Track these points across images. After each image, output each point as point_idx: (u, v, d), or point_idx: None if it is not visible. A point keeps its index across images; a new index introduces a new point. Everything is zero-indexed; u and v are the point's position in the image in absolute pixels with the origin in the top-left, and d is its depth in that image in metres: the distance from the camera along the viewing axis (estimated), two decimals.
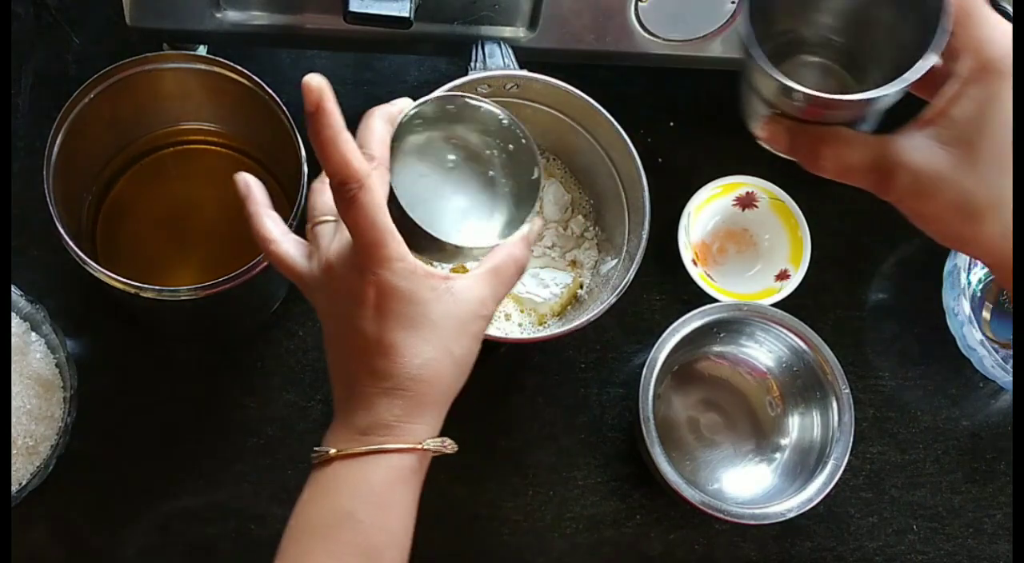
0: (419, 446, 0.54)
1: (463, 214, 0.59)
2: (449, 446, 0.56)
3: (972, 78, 0.49)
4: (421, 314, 0.53)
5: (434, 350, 0.53)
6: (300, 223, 0.66)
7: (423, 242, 0.55)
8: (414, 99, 0.71)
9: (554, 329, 0.74)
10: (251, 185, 0.58)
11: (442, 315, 0.53)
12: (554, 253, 0.77)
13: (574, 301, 0.77)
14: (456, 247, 0.56)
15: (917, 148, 0.51)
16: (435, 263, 0.62)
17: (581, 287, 0.77)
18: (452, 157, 0.60)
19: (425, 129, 0.59)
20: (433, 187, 0.59)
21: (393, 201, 0.54)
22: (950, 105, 0.50)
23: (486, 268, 0.56)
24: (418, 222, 0.55)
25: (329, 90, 0.50)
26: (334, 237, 0.55)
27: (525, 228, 0.58)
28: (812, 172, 0.54)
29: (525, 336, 0.74)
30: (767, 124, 0.55)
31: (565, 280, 0.76)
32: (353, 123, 0.84)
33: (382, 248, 0.51)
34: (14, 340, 0.72)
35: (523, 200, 0.59)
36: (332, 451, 0.54)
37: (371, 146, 0.54)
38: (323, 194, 0.56)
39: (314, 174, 0.67)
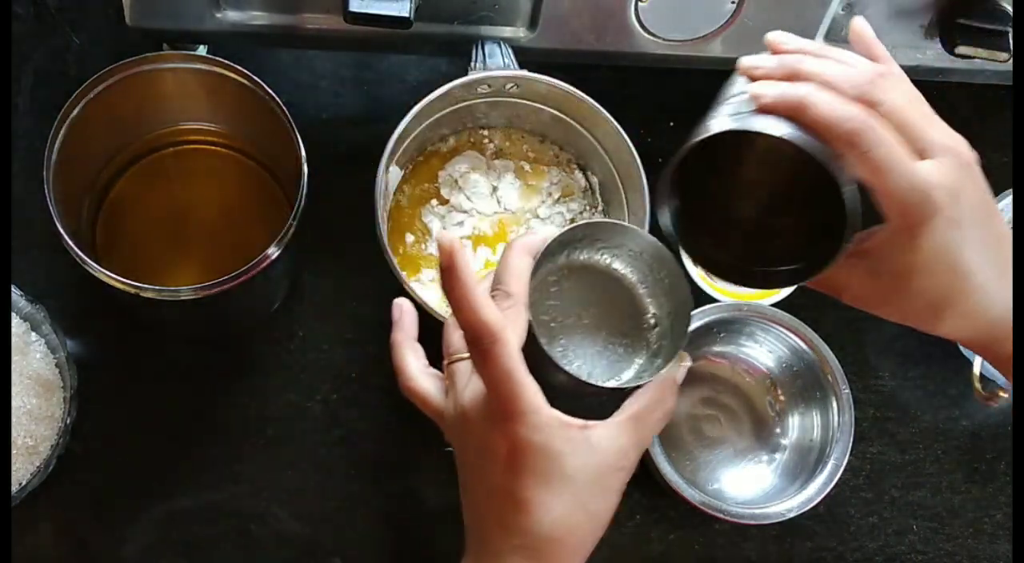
0: None
1: (605, 349, 0.56)
2: None
3: (896, 227, 0.51)
4: (555, 468, 0.51)
5: (568, 506, 0.51)
6: (299, 224, 0.66)
7: (561, 379, 0.53)
8: (415, 100, 0.71)
9: None
10: (404, 312, 0.58)
11: (578, 468, 0.51)
12: None
13: None
14: (596, 387, 0.53)
15: (855, 277, 0.54)
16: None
17: None
18: (595, 285, 0.56)
19: (569, 252, 0.56)
20: (574, 318, 0.56)
21: (532, 338, 0.52)
22: (879, 249, 0.53)
23: (628, 414, 0.53)
24: (558, 362, 0.52)
25: (460, 248, 0.49)
26: (469, 379, 0.53)
27: (673, 368, 0.54)
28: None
29: None
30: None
31: None
32: (353, 123, 0.84)
33: (516, 401, 0.50)
34: (14, 340, 0.72)
35: (670, 335, 0.55)
36: None
37: (509, 283, 0.53)
38: (459, 330, 0.52)
39: (314, 174, 0.67)
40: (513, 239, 0.56)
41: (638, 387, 0.54)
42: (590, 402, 0.54)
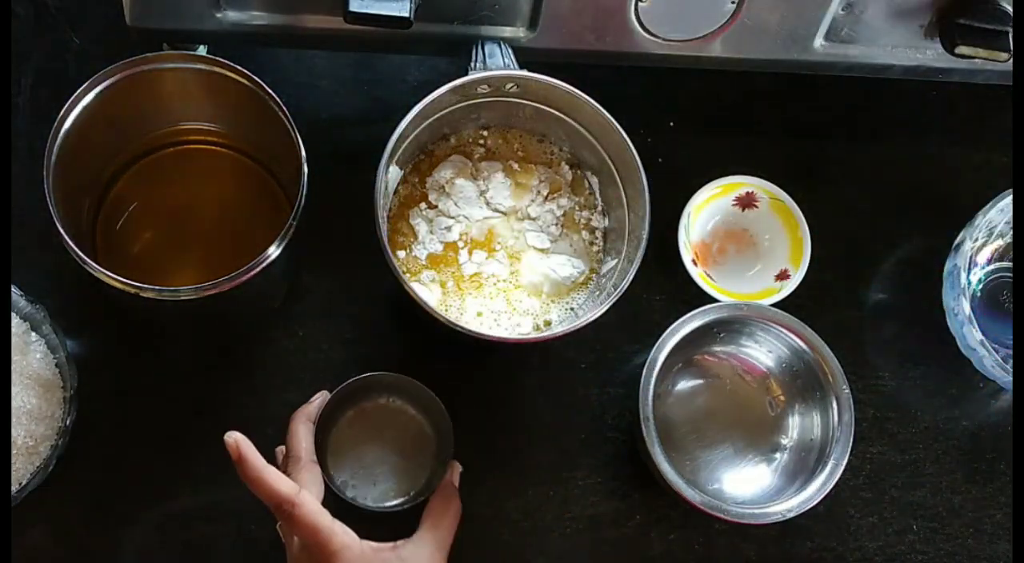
0: None
1: (404, 470, 0.73)
2: None
3: None
4: None
5: None
6: (299, 224, 0.66)
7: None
8: (415, 100, 0.71)
9: (554, 329, 0.74)
10: (240, 443, 0.62)
11: None
12: (561, 248, 0.78)
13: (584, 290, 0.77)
14: (382, 509, 0.71)
15: None
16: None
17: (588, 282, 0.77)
18: (390, 421, 0.75)
19: (353, 402, 0.74)
20: (376, 450, 0.74)
21: (331, 486, 0.69)
22: None
23: (425, 525, 0.68)
24: (343, 495, 0.71)
25: (245, 441, 0.61)
26: (293, 536, 0.64)
27: (447, 474, 0.71)
28: None
29: (525, 336, 0.74)
30: None
31: (581, 266, 0.77)
32: (353, 123, 0.84)
33: (328, 545, 0.61)
34: (14, 340, 0.72)
35: (442, 453, 0.73)
36: None
37: (296, 449, 0.67)
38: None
39: (314, 174, 0.67)
40: (295, 412, 0.70)
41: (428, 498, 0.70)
42: None
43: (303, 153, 0.67)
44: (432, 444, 0.75)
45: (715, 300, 0.79)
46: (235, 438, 0.61)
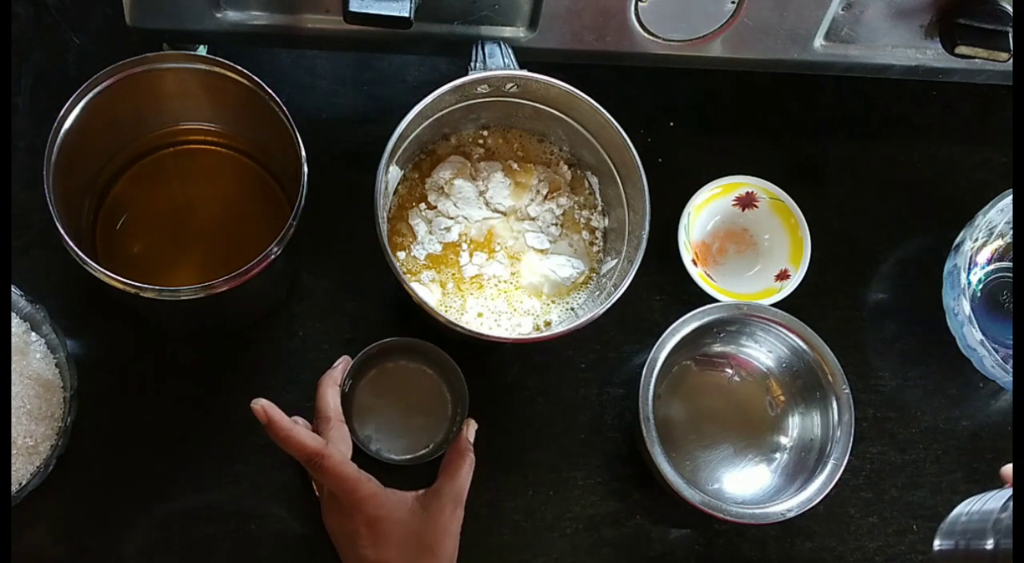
0: None
1: (422, 425, 0.77)
2: None
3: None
4: (404, 531, 0.67)
5: (423, 554, 0.67)
6: (299, 224, 0.66)
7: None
8: (415, 100, 0.71)
9: (554, 329, 0.74)
10: (266, 406, 0.67)
11: (421, 525, 0.68)
12: (561, 248, 0.78)
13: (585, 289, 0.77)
14: (402, 461, 0.75)
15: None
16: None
17: (589, 281, 0.77)
18: (410, 381, 0.78)
19: (375, 365, 0.77)
20: (397, 408, 0.77)
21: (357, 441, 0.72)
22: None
23: (443, 475, 0.71)
24: (367, 450, 0.74)
25: (270, 405, 0.66)
26: (323, 487, 0.70)
27: (463, 429, 0.74)
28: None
29: (525, 336, 0.74)
30: None
31: (581, 266, 0.77)
32: (353, 123, 0.84)
33: (355, 493, 0.67)
34: (14, 340, 0.72)
35: (460, 411, 0.76)
36: None
37: (324, 410, 0.71)
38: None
39: (314, 174, 0.67)
40: (322, 376, 0.73)
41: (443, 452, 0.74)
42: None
43: (303, 153, 0.67)
44: (448, 402, 0.78)
45: (715, 300, 0.79)
46: (261, 403, 0.66)
